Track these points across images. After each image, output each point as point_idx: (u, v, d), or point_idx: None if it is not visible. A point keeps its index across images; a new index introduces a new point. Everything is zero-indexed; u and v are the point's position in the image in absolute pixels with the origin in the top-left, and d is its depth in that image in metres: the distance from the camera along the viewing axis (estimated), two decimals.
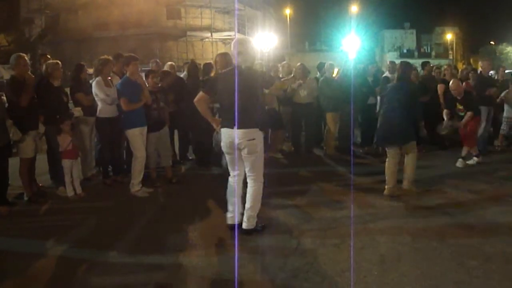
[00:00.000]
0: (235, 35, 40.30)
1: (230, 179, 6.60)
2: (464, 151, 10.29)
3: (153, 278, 5.21)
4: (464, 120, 10.07)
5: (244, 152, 6.26)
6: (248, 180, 6.45)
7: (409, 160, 8.28)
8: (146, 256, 5.71)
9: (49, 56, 9.56)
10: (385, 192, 8.13)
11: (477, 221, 6.73)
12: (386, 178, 8.20)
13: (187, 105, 9.11)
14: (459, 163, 10.20)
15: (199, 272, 5.32)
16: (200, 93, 6.53)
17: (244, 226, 6.33)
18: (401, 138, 8.21)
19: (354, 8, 59.15)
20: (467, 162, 10.24)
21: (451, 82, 10.21)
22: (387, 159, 8.33)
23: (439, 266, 5.24)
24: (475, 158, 10.32)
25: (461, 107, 10.14)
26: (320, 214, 7.19)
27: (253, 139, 6.18)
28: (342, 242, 6.00)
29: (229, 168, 6.60)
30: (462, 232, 6.32)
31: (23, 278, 5.33)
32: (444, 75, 11.66)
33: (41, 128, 8.53)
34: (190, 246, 6.01)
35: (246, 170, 6.41)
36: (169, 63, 11.46)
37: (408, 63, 9.43)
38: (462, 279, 4.94)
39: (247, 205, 6.35)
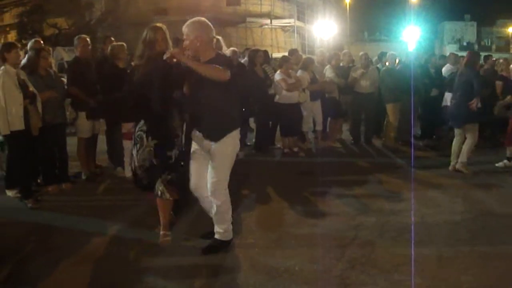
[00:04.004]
0: (294, 22, 40.17)
1: None
2: (508, 151, 9.45)
3: (207, 262, 5.20)
4: None
5: None
6: None
7: (467, 140, 8.91)
8: (202, 240, 5.66)
9: (113, 39, 9.65)
10: (450, 168, 9.05)
11: None
12: (451, 155, 9.10)
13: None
14: (501, 164, 9.41)
15: (253, 258, 5.28)
16: None
17: None
18: (459, 120, 9.00)
19: None
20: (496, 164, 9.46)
21: None
22: (454, 138, 9.16)
23: (497, 267, 5.03)
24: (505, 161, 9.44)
25: None
26: (378, 206, 7.06)
27: None
28: (400, 235, 5.87)
29: None
30: None
31: (78, 255, 5.42)
32: (502, 70, 11.24)
33: None
34: (246, 232, 5.98)
35: None
36: (231, 48, 11.40)
37: (477, 52, 10.06)
38: None
39: None
